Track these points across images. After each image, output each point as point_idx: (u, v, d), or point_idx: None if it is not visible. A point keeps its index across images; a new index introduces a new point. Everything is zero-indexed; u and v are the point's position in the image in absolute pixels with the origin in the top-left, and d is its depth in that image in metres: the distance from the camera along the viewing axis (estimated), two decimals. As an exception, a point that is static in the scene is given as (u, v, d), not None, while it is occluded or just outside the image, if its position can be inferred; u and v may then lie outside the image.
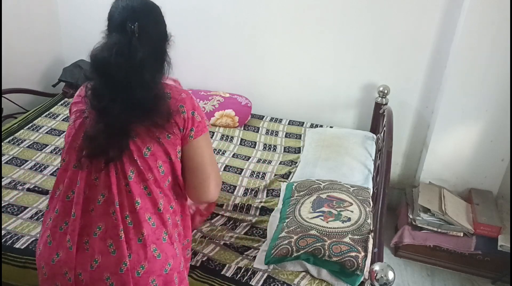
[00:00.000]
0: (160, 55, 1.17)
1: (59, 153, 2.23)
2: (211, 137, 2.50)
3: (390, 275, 1.27)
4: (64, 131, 2.41)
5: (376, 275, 1.27)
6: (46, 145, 2.29)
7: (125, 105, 1.07)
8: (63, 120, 2.54)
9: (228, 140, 2.50)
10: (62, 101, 2.72)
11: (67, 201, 1.15)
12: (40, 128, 2.43)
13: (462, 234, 2.25)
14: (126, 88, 1.07)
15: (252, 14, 2.57)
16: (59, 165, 1.24)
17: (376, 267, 1.29)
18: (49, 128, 2.44)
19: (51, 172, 2.09)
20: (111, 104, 1.06)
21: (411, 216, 2.33)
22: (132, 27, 1.07)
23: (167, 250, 1.15)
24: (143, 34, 1.09)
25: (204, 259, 1.62)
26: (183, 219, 1.28)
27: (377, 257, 1.43)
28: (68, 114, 1.30)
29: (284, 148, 2.46)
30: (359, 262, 1.48)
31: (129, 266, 1.09)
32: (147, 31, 1.11)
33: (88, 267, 1.10)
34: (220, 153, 2.36)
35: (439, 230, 2.27)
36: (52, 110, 2.62)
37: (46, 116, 2.56)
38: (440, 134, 2.40)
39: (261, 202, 1.97)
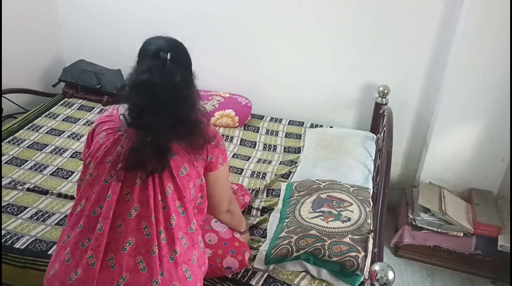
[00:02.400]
0: (190, 84, 1.20)
1: (59, 153, 2.23)
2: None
3: (390, 275, 1.27)
4: (63, 131, 2.42)
5: (376, 275, 1.27)
6: (46, 145, 2.29)
7: (169, 121, 1.08)
8: (63, 120, 2.54)
9: (228, 140, 2.50)
10: (62, 101, 2.72)
11: (93, 216, 1.11)
12: (40, 128, 2.43)
13: (462, 234, 2.25)
14: (168, 105, 1.09)
15: (252, 14, 2.57)
16: (80, 180, 1.21)
17: (376, 267, 1.29)
18: (49, 128, 2.44)
19: (51, 172, 2.09)
20: (154, 120, 1.07)
21: (411, 216, 2.33)
22: (165, 55, 1.14)
23: (196, 272, 1.15)
24: (174, 63, 1.15)
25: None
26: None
27: (377, 257, 1.43)
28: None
29: (284, 148, 2.45)
30: (359, 262, 1.48)
31: (160, 284, 1.06)
32: (177, 61, 1.17)
33: (114, 285, 1.06)
34: (220, 153, 2.36)
35: (439, 230, 2.27)
36: (52, 110, 2.62)
37: (46, 116, 2.56)
38: (440, 134, 2.40)
39: (261, 202, 1.97)
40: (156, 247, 1.07)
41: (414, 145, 2.62)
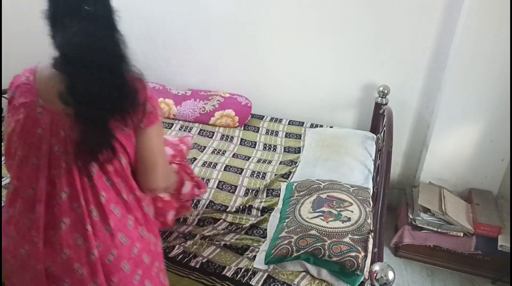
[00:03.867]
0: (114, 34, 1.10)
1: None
2: (211, 137, 2.50)
3: (390, 275, 1.26)
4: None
5: (376, 275, 1.27)
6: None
7: (98, 100, 1.04)
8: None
9: (228, 140, 2.50)
10: (62, 101, 2.72)
11: (28, 198, 1.14)
12: (40, 128, 2.43)
13: (462, 234, 2.25)
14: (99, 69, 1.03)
15: (252, 14, 2.57)
16: (7, 155, 1.19)
17: (376, 267, 1.29)
18: (49, 128, 2.44)
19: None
20: (83, 108, 1.03)
21: (411, 216, 2.33)
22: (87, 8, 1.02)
23: (132, 234, 1.18)
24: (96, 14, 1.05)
25: (204, 261, 1.62)
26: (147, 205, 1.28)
27: (377, 257, 1.42)
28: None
29: (284, 148, 2.46)
30: (359, 262, 1.48)
31: (98, 255, 1.11)
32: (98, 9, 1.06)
33: (58, 260, 1.11)
34: (220, 153, 2.36)
35: (439, 230, 2.27)
36: (52, 110, 2.62)
37: (46, 116, 2.56)
38: (440, 134, 2.40)
39: (261, 202, 1.97)
40: (89, 226, 1.11)
41: (414, 145, 2.62)
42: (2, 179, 1.98)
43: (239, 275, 1.55)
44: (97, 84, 1.04)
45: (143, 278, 1.19)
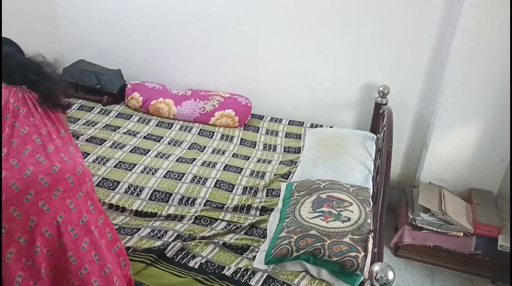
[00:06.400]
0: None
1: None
2: (211, 137, 2.50)
3: (390, 275, 1.27)
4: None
5: (376, 275, 1.27)
6: (46, 145, 2.28)
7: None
8: (63, 120, 2.54)
9: (228, 140, 2.50)
10: (62, 101, 2.72)
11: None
12: (40, 128, 2.43)
13: (462, 234, 2.25)
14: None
15: (252, 14, 2.57)
16: None
17: (376, 267, 1.29)
18: (49, 128, 2.44)
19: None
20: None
21: (411, 216, 2.33)
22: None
23: (81, 205, 1.27)
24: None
25: (203, 261, 1.62)
26: None
27: (377, 257, 1.43)
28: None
29: (284, 148, 2.45)
30: (359, 262, 1.48)
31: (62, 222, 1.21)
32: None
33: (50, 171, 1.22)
34: (220, 153, 2.36)
35: (439, 230, 2.27)
36: (52, 110, 2.62)
37: (46, 116, 2.56)
38: (440, 134, 2.40)
39: (261, 202, 1.97)
40: (58, 191, 1.21)
41: (414, 145, 2.62)
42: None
43: (238, 275, 1.55)
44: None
45: (90, 248, 1.24)
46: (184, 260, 1.62)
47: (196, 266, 1.59)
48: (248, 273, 1.55)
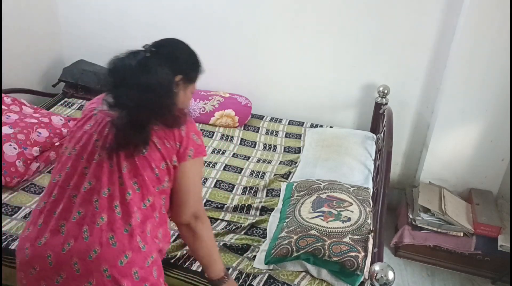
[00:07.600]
0: (169, 75, 1.25)
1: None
2: (211, 137, 2.50)
3: (390, 275, 1.27)
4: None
5: (376, 275, 1.27)
6: (46, 145, 2.28)
7: (140, 98, 1.14)
8: (63, 120, 2.54)
9: (228, 140, 2.50)
10: (62, 101, 2.72)
11: (61, 186, 1.20)
12: (40, 128, 2.43)
13: (462, 234, 2.25)
14: (140, 85, 1.15)
15: (252, 14, 2.56)
16: (61, 151, 1.29)
17: (376, 267, 1.29)
18: (49, 128, 2.44)
19: (48, 170, 2.09)
20: (126, 99, 1.15)
21: (411, 216, 2.33)
22: (147, 47, 1.24)
23: (151, 243, 1.19)
24: (156, 54, 1.27)
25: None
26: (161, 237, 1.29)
27: (377, 257, 1.43)
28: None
29: (284, 148, 2.46)
30: (359, 262, 1.48)
31: (107, 254, 1.11)
32: (161, 53, 1.29)
33: (60, 250, 1.12)
34: (220, 153, 2.36)
35: (439, 230, 2.27)
36: (52, 110, 2.62)
37: (46, 116, 2.56)
38: (440, 134, 2.40)
39: (261, 202, 1.97)
40: (102, 220, 1.12)
41: (414, 145, 2.62)
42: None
43: (240, 280, 1.52)
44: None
45: None
46: (187, 264, 1.59)
47: (200, 270, 1.54)
48: (250, 277, 1.53)
